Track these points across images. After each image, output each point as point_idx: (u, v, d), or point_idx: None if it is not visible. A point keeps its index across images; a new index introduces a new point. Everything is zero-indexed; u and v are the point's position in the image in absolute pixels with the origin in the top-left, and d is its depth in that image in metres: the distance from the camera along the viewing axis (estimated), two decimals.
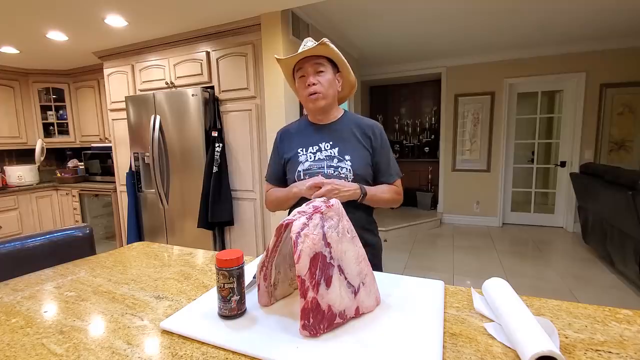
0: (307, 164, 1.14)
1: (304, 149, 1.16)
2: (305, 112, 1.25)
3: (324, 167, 1.12)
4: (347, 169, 1.10)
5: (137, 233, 3.15)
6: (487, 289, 0.77)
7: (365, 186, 1.10)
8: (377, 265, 1.19)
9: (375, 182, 1.18)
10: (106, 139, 3.90)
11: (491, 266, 3.23)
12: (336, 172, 1.10)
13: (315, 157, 1.14)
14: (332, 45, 1.07)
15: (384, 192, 1.15)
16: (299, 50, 1.10)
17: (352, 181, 1.10)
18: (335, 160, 1.12)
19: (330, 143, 1.14)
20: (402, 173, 1.22)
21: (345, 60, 1.14)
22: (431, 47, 4.03)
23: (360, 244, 0.77)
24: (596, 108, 4.02)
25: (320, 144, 1.15)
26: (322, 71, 1.10)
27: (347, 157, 1.11)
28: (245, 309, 0.75)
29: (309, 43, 1.10)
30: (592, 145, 4.10)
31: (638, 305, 2.45)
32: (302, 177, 1.13)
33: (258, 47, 2.58)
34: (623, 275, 2.89)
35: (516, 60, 4.25)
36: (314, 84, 1.09)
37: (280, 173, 1.23)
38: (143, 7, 2.33)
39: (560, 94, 4.37)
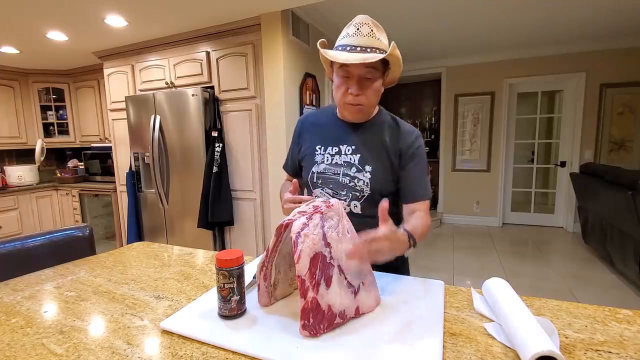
0: (322, 166, 1.01)
1: (323, 148, 1.02)
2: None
3: (339, 174, 0.99)
4: (364, 182, 0.96)
5: (137, 233, 3.15)
6: (487, 289, 0.77)
7: (409, 231, 0.79)
8: (406, 271, 1.09)
9: (398, 197, 1.00)
10: (106, 139, 3.90)
11: (491, 266, 3.23)
12: (352, 183, 0.97)
13: (332, 160, 1.00)
14: (397, 51, 0.88)
15: (424, 227, 0.89)
16: (346, 31, 0.89)
17: (367, 196, 0.96)
18: (354, 170, 0.97)
19: (353, 147, 0.99)
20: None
21: (401, 59, 0.94)
22: (431, 47, 4.03)
23: None
24: (596, 108, 4.02)
25: (341, 146, 1.00)
26: (371, 78, 0.90)
27: (368, 169, 0.96)
28: (245, 309, 0.75)
29: (364, 29, 0.86)
30: (592, 145, 4.09)
31: (638, 305, 2.45)
32: (315, 180, 1.02)
33: (258, 47, 2.58)
34: (623, 275, 2.89)
35: (516, 60, 4.25)
36: (358, 95, 0.90)
37: (296, 164, 1.13)
38: (143, 7, 2.33)
39: (560, 94, 4.37)
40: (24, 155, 4.06)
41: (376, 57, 0.83)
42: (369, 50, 0.85)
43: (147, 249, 1.27)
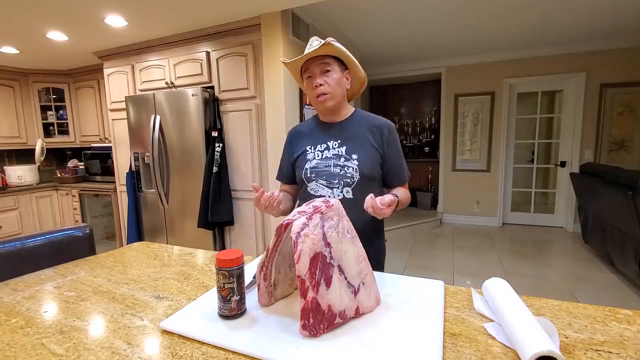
0: (314, 162, 1.14)
1: (312, 147, 1.17)
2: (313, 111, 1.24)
3: (330, 166, 1.12)
4: (353, 168, 1.10)
5: (137, 233, 3.15)
6: (487, 289, 0.77)
7: (399, 197, 1.03)
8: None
9: (385, 182, 1.19)
10: (106, 139, 3.90)
11: (491, 266, 3.23)
12: (342, 172, 1.11)
13: (322, 155, 1.14)
14: (337, 44, 1.07)
15: (407, 198, 1.16)
16: (306, 51, 1.09)
17: (357, 182, 1.10)
18: (342, 159, 1.12)
19: (339, 141, 1.14)
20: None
21: (353, 57, 1.13)
22: (431, 47, 4.03)
23: (360, 244, 0.77)
24: (596, 108, 4.02)
25: (328, 142, 1.15)
26: (328, 70, 1.09)
27: (354, 157, 1.11)
28: (245, 309, 0.75)
29: (314, 43, 1.09)
30: (592, 145, 4.09)
31: (638, 305, 2.45)
32: (309, 175, 1.14)
33: (258, 47, 2.58)
34: (623, 275, 2.89)
35: (516, 60, 4.25)
36: (321, 85, 1.09)
37: (290, 172, 1.25)
38: (143, 7, 2.33)
39: (560, 94, 4.37)
40: (24, 155, 4.06)
41: (320, 43, 1.05)
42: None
43: (147, 249, 1.27)
